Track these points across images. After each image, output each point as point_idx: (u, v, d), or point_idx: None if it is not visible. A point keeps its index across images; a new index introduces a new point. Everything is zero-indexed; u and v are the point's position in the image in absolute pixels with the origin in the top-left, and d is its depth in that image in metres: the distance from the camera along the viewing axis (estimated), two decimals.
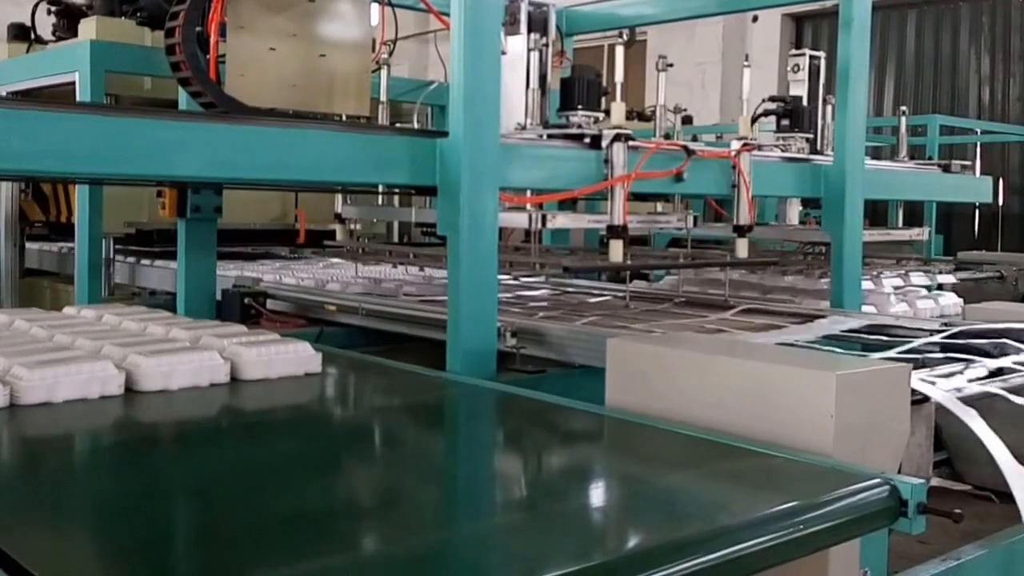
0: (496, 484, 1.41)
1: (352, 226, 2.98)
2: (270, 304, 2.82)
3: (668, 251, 3.53)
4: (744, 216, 2.62)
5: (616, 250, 2.33)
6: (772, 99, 3.28)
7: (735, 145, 2.61)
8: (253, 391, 1.81)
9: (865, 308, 2.92)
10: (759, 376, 1.49)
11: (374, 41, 2.80)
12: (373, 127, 2.20)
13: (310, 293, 2.90)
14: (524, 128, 2.45)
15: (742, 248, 2.67)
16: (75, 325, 2.13)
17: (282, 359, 1.91)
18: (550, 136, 2.40)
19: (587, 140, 2.34)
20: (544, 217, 2.32)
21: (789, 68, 3.36)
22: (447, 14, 2.64)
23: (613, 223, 2.33)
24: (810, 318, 2.51)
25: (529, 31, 2.51)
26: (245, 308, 2.72)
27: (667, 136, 2.66)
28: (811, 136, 3.21)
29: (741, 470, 1.37)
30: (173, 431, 1.67)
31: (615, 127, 2.35)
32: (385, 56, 2.86)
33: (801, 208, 4.05)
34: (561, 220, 2.43)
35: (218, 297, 2.82)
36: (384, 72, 2.81)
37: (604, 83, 2.61)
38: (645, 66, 8.14)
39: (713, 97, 8.90)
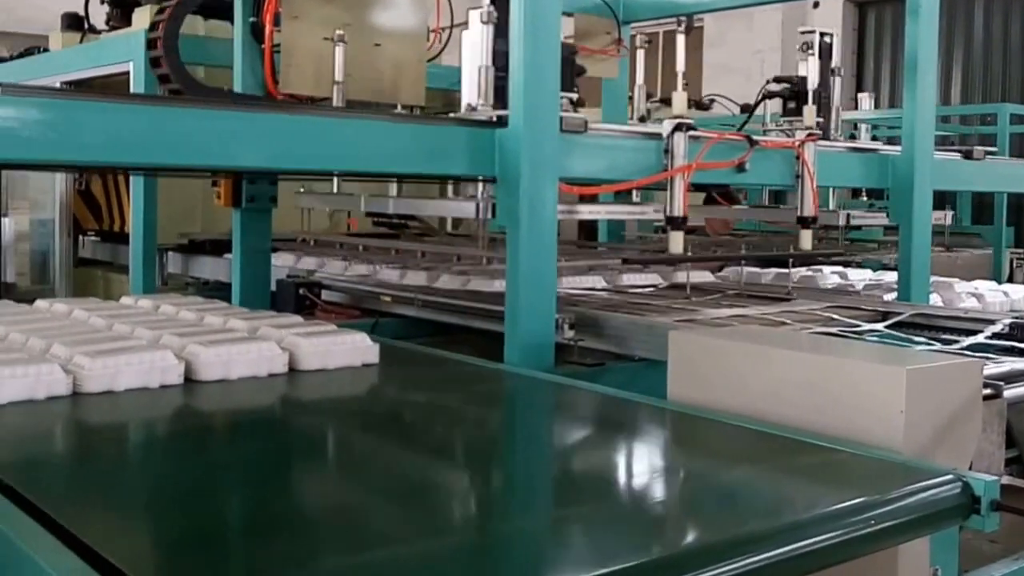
0: (558, 477, 1.47)
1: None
2: (324, 295, 2.93)
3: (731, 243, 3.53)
4: (808, 207, 2.63)
5: (677, 242, 2.37)
6: (777, 80, 3.03)
7: (799, 135, 2.63)
8: (312, 381, 1.88)
9: (933, 301, 2.91)
10: (826, 370, 1.52)
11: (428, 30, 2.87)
12: (433, 117, 2.28)
13: (365, 284, 2.99)
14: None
15: (806, 239, 2.68)
16: (133, 315, 2.23)
17: (340, 350, 1.98)
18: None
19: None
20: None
21: (798, 47, 3.00)
22: None
23: (673, 214, 2.37)
24: (875, 311, 2.52)
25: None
26: (300, 299, 2.84)
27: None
28: (821, 120, 2.90)
29: (808, 465, 1.41)
30: (236, 420, 1.75)
31: (676, 116, 2.38)
32: (440, 48, 2.92)
33: (865, 199, 4.00)
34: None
35: (272, 287, 2.94)
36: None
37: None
38: (702, 53, 8.07)
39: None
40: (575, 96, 2.39)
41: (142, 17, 3.56)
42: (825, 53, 3.01)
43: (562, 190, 2.22)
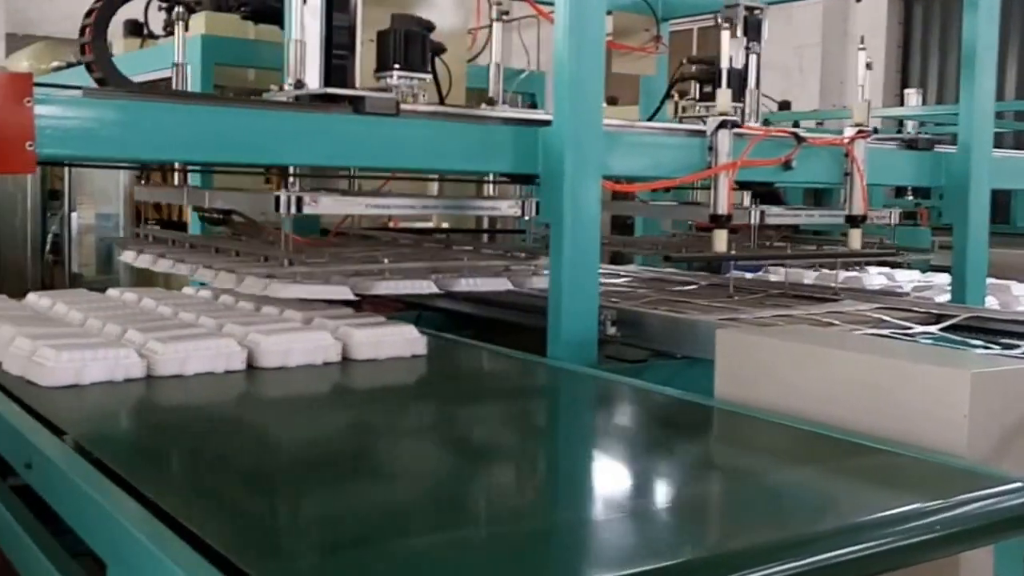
0: (600, 473, 1.44)
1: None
2: None
3: (774, 243, 3.40)
4: (857, 206, 2.54)
5: (721, 240, 2.30)
6: (691, 60, 2.69)
7: (849, 131, 2.53)
8: (365, 371, 1.91)
9: (989, 303, 2.78)
10: (883, 372, 1.45)
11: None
12: (480, 116, 2.26)
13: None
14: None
15: (855, 239, 2.58)
16: (196, 304, 2.29)
17: (390, 341, 2.01)
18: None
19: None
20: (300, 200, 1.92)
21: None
22: (541, 2, 2.66)
23: (717, 212, 2.31)
24: (928, 313, 2.41)
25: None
26: None
27: (765, 123, 2.58)
28: (741, 105, 2.52)
29: (866, 467, 1.35)
30: (301, 404, 1.78)
31: (721, 114, 2.32)
32: (480, 48, 2.91)
33: (911, 198, 3.84)
34: (325, 204, 1.96)
35: None
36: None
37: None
38: None
39: (812, 81, 8.52)
40: (427, 77, 2.09)
41: (197, 23, 3.63)
42: (753, 30, 2.58)
43: (605, 187, 2.18)
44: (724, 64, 2.41)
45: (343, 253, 2.40)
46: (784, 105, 5.83)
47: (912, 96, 4.13)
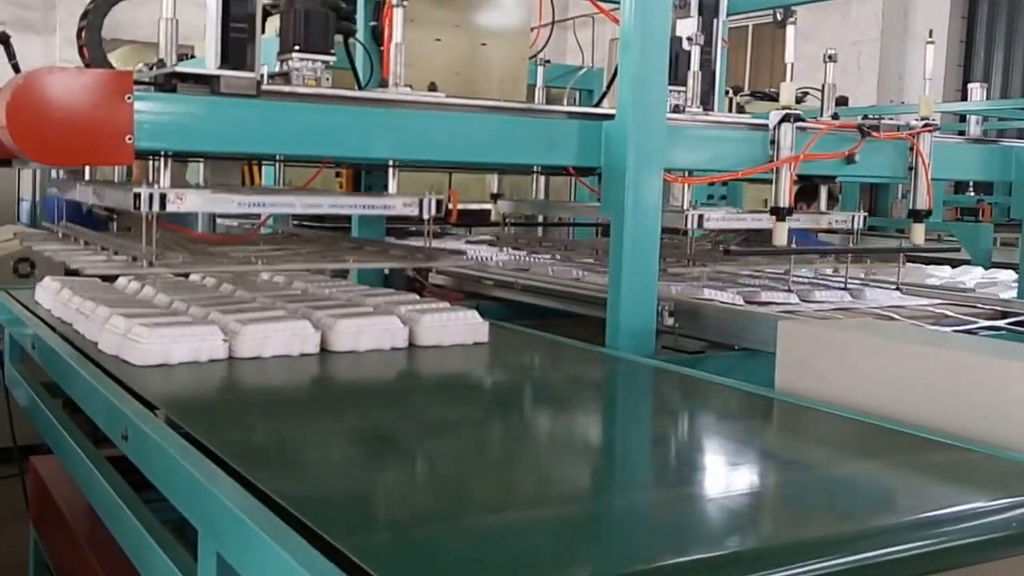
0: (663, 460, 1.42)
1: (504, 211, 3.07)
2: (430, 278, 2.97)
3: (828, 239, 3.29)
4: (922, 201, 2.42)
5: (781, 233, 2.24)
6: None
7: (916, 125, 2.42)
8: (431, 357, 1.92)
9: None
10: (953, 367, 1.38)
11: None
12: (546, 111, 2.25)
13: (469, 268, 3.03)
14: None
15: (918, 234, 2.47)
16: (271, 289, 2.35)
17: (455, 327, 2.01)
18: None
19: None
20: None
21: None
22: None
23: (779, 205, 2.24)
24: (993, 310, 2.29)
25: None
26: (410, 280, 2.89)
27: (835, 117, 2.49)
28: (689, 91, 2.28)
29: (938, 463, 1.29)
30: (377, 387, 1.81)
31: (783, 107, 2.25)
32: (542, 46, 2.90)
33: (973, 193, 3.65)
34: (192, 201, 1.72)
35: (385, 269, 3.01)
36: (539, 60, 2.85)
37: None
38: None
39: (869, 78, 8.17)
40: (331, 59, 1.92)
41: (273, 25, 3.70)
42: (709, 10, 2.39)
43: (666, 180, 2.14)
44: (789, 58, 2.34)
45: (229, 253, 2.18)
46: (840, 101, 5.60)
47: (976, 91, 3.91)
